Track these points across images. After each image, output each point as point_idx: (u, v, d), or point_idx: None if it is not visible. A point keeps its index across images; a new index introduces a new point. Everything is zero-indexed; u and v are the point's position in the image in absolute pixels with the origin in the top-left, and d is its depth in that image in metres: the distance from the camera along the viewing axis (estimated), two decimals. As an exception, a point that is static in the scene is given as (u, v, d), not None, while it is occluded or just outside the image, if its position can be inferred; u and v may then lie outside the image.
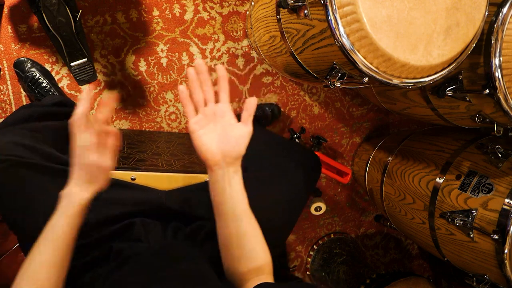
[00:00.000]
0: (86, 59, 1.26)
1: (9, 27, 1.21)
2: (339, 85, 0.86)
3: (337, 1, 0.75)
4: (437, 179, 1.14)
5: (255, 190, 0.86)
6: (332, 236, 1.70)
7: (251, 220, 0.69)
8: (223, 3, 1.37)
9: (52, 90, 1.20)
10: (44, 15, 1.13)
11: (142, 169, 0.97)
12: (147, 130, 1.39)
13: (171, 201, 0.86)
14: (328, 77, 0.87)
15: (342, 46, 0.77)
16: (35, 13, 1.18)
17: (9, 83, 1.25)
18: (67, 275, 0.63)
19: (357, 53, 0.77)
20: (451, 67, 0.83)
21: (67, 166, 0.81)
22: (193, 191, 0.93)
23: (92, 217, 0.73)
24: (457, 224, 1.02)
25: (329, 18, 0.76)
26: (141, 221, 0.80)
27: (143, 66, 1.34)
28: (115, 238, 0.75)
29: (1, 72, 1.23)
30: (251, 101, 0.68)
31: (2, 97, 1.25)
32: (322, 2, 0.76)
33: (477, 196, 1.02)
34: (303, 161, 1.00)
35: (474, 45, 0.83)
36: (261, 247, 0.69)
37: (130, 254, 0.70)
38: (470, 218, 1.00)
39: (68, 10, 1.15)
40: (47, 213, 0.72)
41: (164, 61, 1.35)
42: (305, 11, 0.84)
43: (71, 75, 1.27)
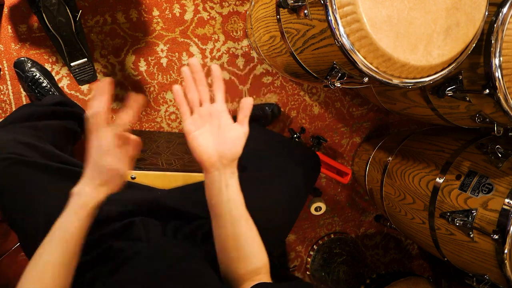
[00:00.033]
0: (86, 59, 1.26)
1: (9, 27, 1.21)
2: (339, 85, 0.86)
3: (337, 1, 0.75)
4: (437, 179, 1.14)
5: (255, 190, 0.86)
6: (332, 236, 1.70)
7: (248, 221, 0.68)
8: (223, 3, 1.37)
9: (52, 90, 1.20)
10: (44, 15, 1.13)
11: (142, 168, 0.97)
12: (147, 130, 1.39)
13: (171, 200, 0.86)
14: (328, 77, 0.87)
15: (342, 46, 0.77)
16: (35, 13, 1.18)
17: (9, 83, 1.25)
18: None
19: (357, 53, 0.77)
20: (451, 67, 0.83)
21: (66, 165, 0.81)
22: (193, 190, 0.92)
23: None
24: (457, 224, 1.02)
25: (329, 18, 0.76)
26: (141, 220, 0.80)
27: (143, 66, 1.34)
28: (115, 237, 0.75)
29: (1, 72, 1.23)
30: (247, 101, 0.66)
31: (2, 97, 1.25)
32: (322, 2, 0.76)
33: (477, 196, 1.02)
34: (303, 160, 1.00)
35: (474, 45, 0.83)
36: (258, 248, 0.68)
37: (130, 254, 0.70)
38: (470, 218, 1.00)
39: (68, 10, 1.15)
40: (47, 213, 0.72)
41: (164, 61, 1.35)
42: (305, 11, 0.84)
43: (71, 75, 1.27)
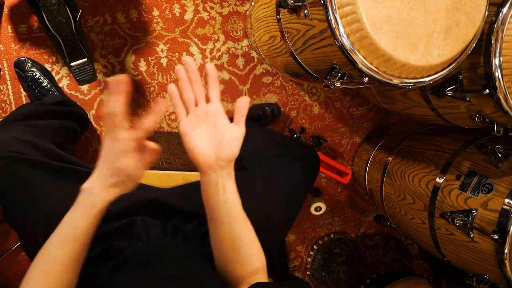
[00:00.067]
0: (86, 59, 1.26)
1: (9, 27, 1.21)
2: (339, 85, 0.86)
3: (337, 1, 0.75)
4: (437, 179, 1.14)
5: (255, 190, 0.86)
6: (332, 236, 1.70)
7: (245, 222, 0.67)
8: (223, 3, 1.37)
9: (52, 90, 1.20)
10: (44, 15, 1.13)
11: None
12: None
13: (171, 199, 0.86)
14: (328, 77, 0.87)
15: (342, 46, 0.77)
16: (35, 13, 1.18)
17: (9, 83, 1.25)
18: None
19: (357, 53, 0.77)
20: (451, 67, 0.83)
21: (67, 163, 0.81)
22: (193, 189, 0.91)
23: None
24: (457, 224, 1.02)
25: (329, 18, 0.76)
26: (141, 219, 0.80)
27: (143, 66, 1.34)
28: (115, 236, 0.75)
29: (1, 72, 1.23)
30: (243, 101, 0.64)
31: (2, 97, 1.25)
32: (322, 2, 0.76)
33: (477, 196, 1.02)
34: (303, 160, 1.00)
35: (474, 45, 0.83)
36: (255, 249, 0.67)
37: (130, 253, 0.70)
38: (470, 218, 1.00)
39: (68, 10, 1.15)
40: (47, 213, 0.72)
41: (164, 61, 1.35)
42: (305, 11, 0.84)
43: (71, 75, 1.27)
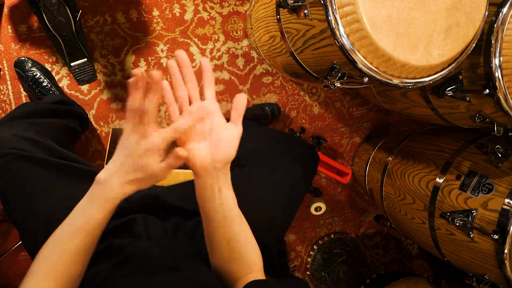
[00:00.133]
0: (86, 59, 1.26)
1: (9, 27, 1.21)
2: (339, 85, 0.86)
3: (337, 1, 0.75)
4: (437, 179, 1.14)
5: (255, 190, 0.86)
6: (332, 236, 1.70)
7: (241, 222, 0.65)
8: (223, 3, 1.37)
9: (52, 89, 1.20)
10: (44, 15, 1.13)
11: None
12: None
13: (171, 197, 0.86)
14: (328, 77, 0.87)
15: (342, 46, 0.77)
16: (35, 13, 1.18)
17: (9, 83, 1.25)
18: None
19: (357, 53, 0.77)
20: (451, 67, 0.83)
21: (67, 161, 0.81)
22: (192, 186, 0.92)
23: None
24: (457, 224, 1.02)
25: (329, 18, 0.76)
26: (142, 218, 0.80)
27: (143, 66, 1.34)
28: (115, 234, 0.75)
29: (1, 72, 1.23)
30: (240, 98, 0.60)
31: (2, 97, 1.25)
32: (322, 2, 0.76)
33: (477, 196, 1.02)
34: (302, 160, 1.00)
35: (474, 45, 0.83)
36: (251, 247, 0.67)
37: (131, 252, 0.70)
38: (470, 218, 1.00)
39: (68, 10, 1.15)
40: (47, 213, 0.72)
41: (164, 61, 1.35)
42: (305, 11, 0.84)
43: (71, 75, 1.27)
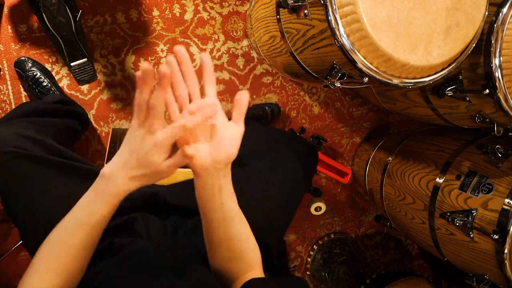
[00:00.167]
0: (86, 59, 1.26)
1: (9, 27, 1.21)
2: (339, 85, 0.86)
3: (337, 1, 0.75)
4: (437, 179, 1.14)
5: (254, 190, 0.86)
6: (332, 236, 1.70)
7: (241, 221, 0.64)
8: (223, 3, 1.37)
9: (53, 89, 1.20)
10: (44, 15, 1.13)
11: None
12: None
13: (170, 196, 0.86)
14: (328, 77, 0.87)
15: (342, 46, 0.77)
16: (35, 13, 1.18)
17: (9, 83, 1.25)
18: None
19: (357, 53, 0.77)
20: (451, 67, 0.83)
21: (67, 159, 0.81)
22: (192, 185, 0.92)
23: None
24: (457, 224, 1.02)
25: (329, 18, 0.76)
26: (142, 217, 0.80)
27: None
28: (116, 232, 0.75)
29: (1, 72, 1.23)
30: (242, 96, 0.57)
31: (2, 97, 1.25)
32: (322, 2, 0.76)
33: (477, 196, 1.02)
34: (303, 159, 1.00)
35: (474, 45, 0.83)
36: (250, 245, 0.66)
37: (131, 251, 0.70)
38: (470, 218, 1.00)
39: (68, 10, 1.15)
40: (47, 213, 0.72)
41: (164, 61, 1.35)
42: (305, 11, 0.84)
43: (71, 75, 1.27)
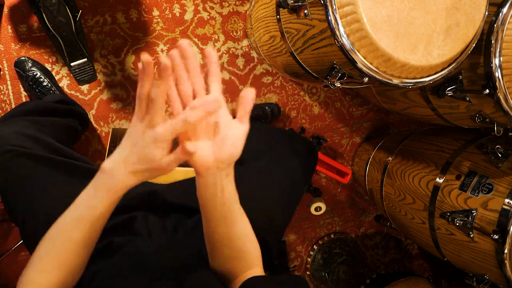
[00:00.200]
0: (86, 59, 1.26)
1: (9, 27, 1.21)
2: (339, 85, 0.86)
3: (337, 1, 0.75)
4: (437, 179, 1.14)
5: (254, 190, 0.86)
6: (332, 236, 1.70)
7: (242, 219, 0.63)
8: (223, 3, 1.37)
9: (53, 89, 1.21)
10: (44, 15, 1.13)
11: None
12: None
13: (171, 195, 0.85)
14: (328, 77, 0.87)
15: (342, 46, 0.77)
16: (35, 13, 1.18)
17: (9, 83, 1.25)
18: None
19: (357, 53, 0.77)
20: (451, 67, 0.83)
21: (67, 158, 0.81)
22: (192, 184, 0.91)
23: None
24: (457, 224, 1.02)
25: (329, 18, 0.76)
26: (142, 215, 0.79)
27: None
28: (116, 231, 0.74)
29: (1, 72, 1.23)
30: (248, 93, 0.54)
31: (2, 97, 1.25)
32: (322, 2, 0.76)
33: (477, 196, 1.02)
34: (303, 159, 1.00)
35: (474, 45, 0.83)
36: (252, 244, 0.65)
37: (131, 251, 0.70)
38: (470, 218, 1.00)
39: (68, 10, 1.16)
40: (47, 213, 0.72)
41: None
42: (305, 11, 0.84)
43: (71, 75, 1.27)
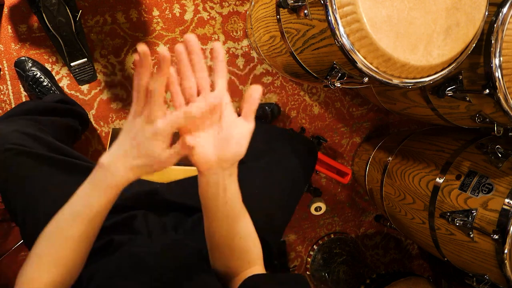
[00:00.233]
0: (86, 59, 1.26)
1: (9, 27, 1.21)
2: (339, 85, 0.86)
3: (337, 1, 0.75)
4: (437, 179, 1.14)
5: (254, 189, 0.86)
6: (332, 236, 1.70)
7: (244, 218, 0.62)
8: (223, 3, 1.37)
9: (53, 89, 1.21)
10: (44, 15, 1.13)
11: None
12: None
13: (170, 194, 0.86)
14: (328, 77, 0.87)
15: (342, 46, 0.77)
16: (35, 13, 1.18)
17: (9, 83, 1.25)
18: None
19: (357, 53, 0.77)
20: (451, 67, 0.83)
21: (67, 157, 0.81)
22: (192, 182, 0.91)
23: None
24: (457, 224, 1.02)
25: (329, 18, 0.76)
26: (142, 214, 0.80)
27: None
28: (116, 229, 0.75)
29: (1, 72, 1.23)
30: (254, 90, 0.52)
31: (2, 97, 1.25)
32: (322, 2, 0.76)
33: (477, 196, 1.02)
34: (303, 159, 1.00)
35: (474, 45, 0.83)
36: (253, 242, 0.64)
37: (131, 250, 0.70)
38: (470, 218, 1.00)
39: (68, 10, 1.16)
40: (47, 213, 0.72)
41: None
42: (305, 11, 0.84)
43: (71, 75, 1.27)
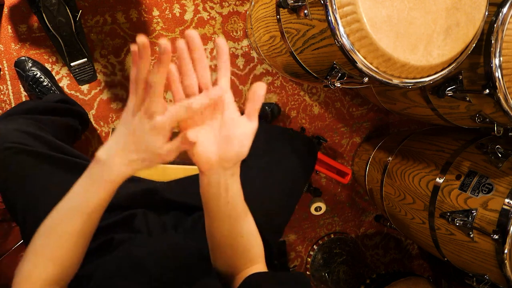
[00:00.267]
0: (86, 59, 1.26)
1: (9, 27, 1.21)
2: (339, 85, 0.86)
3: (337, 1, 0.75)
4: (437, 179, 1.14)
5: (254, 189, 0.86)
6: (332, 236, 1.70)
7: (246, 216, 0.61)
8: (223, 3, 1.37)
9: (53, 89, 1.21)
10: (44, 15, 1.13)
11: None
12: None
13: (170, 192, 0.86)
14: (328, 77, 0.87)
15: (342, 46, 0.77)
16: (35, 13, 1.18)
17: (9, 83, 1.25)
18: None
19: (357, 53, 0.77)
20: (451, 67, 0.83)
21: (68, 156, 0.81)
22: (192, 181, 0.91)
23: None
24: (457, 224, 1.02)
25: (329, 18, 0.76)
26: (142, 213, 0.80)
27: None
28: (115, 228, 0.75)
29: (1, 72, 1.23)
30: (259, 88, 0.50)
31: (2, 97, 1.25)
32: (322, 2, 0.76)
33: (477, 196, 1.02)
34: (303, 159, 1.00)
35: (474, 45, 0.83)
36: (255, 241, 0.64)
37: (131, 250, 0.70)
38: (470, 218, 1.00)
39: (68, 10, 1.16)
40: (48, 212, 0.72)
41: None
42: (305, 11, 0.84)
43: (71, 75, 1.27)
